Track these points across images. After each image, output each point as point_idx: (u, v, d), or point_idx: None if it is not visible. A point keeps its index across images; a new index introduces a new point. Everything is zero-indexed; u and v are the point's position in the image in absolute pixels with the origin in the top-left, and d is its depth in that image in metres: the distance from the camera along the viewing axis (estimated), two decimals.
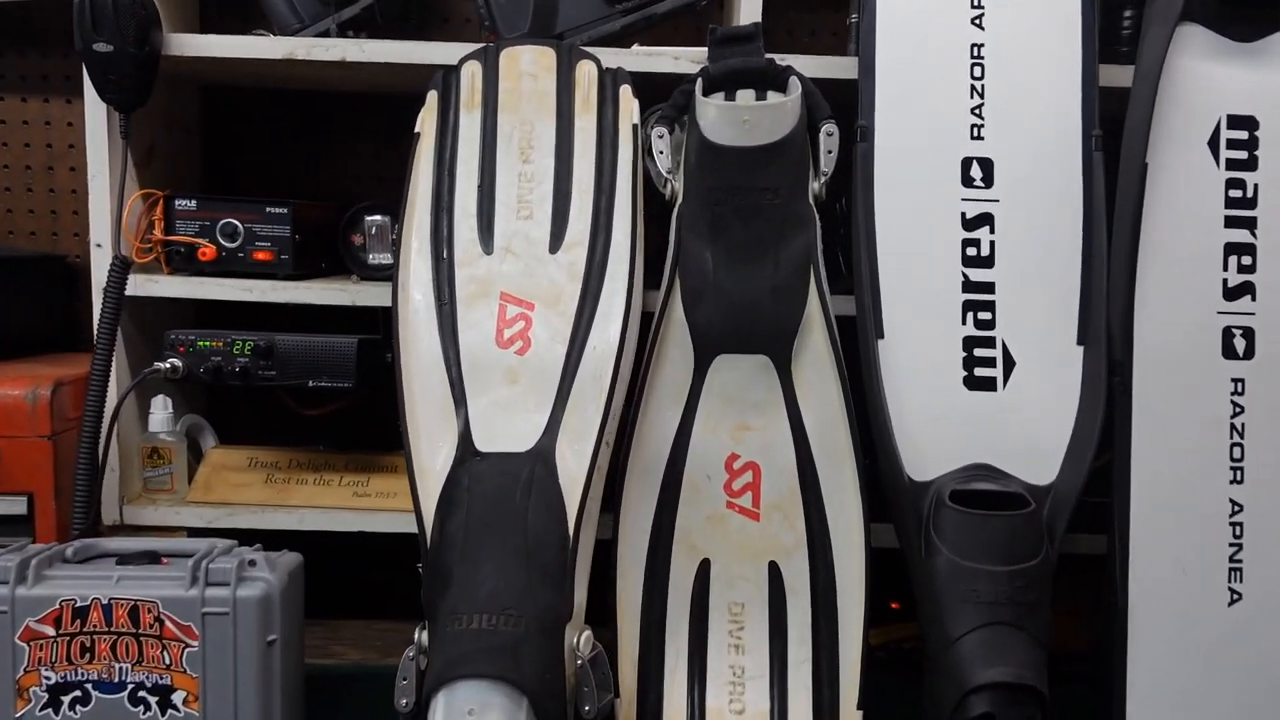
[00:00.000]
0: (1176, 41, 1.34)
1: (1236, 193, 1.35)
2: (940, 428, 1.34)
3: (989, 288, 1.36)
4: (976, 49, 1.39)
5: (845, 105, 1.41)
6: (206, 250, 1.57)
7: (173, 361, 1.51)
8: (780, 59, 1.45)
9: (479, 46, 1.49)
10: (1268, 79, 1.36)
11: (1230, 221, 1.35)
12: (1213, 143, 1.35)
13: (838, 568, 1.36)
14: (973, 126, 1.38)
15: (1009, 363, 1.35)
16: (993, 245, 1.37)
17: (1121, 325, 1.32)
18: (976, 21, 1.39)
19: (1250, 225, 1.35)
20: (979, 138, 1.38)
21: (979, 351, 1.35)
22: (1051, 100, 1.39)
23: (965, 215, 1.37)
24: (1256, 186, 1.35)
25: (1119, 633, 1.32)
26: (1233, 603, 1.32)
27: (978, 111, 1.38)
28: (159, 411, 1.61)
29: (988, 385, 1.35)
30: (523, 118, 1.44)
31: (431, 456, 1.29)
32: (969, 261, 1.36)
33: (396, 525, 1.57)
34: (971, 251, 1.37)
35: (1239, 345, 1.34)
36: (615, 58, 1.50)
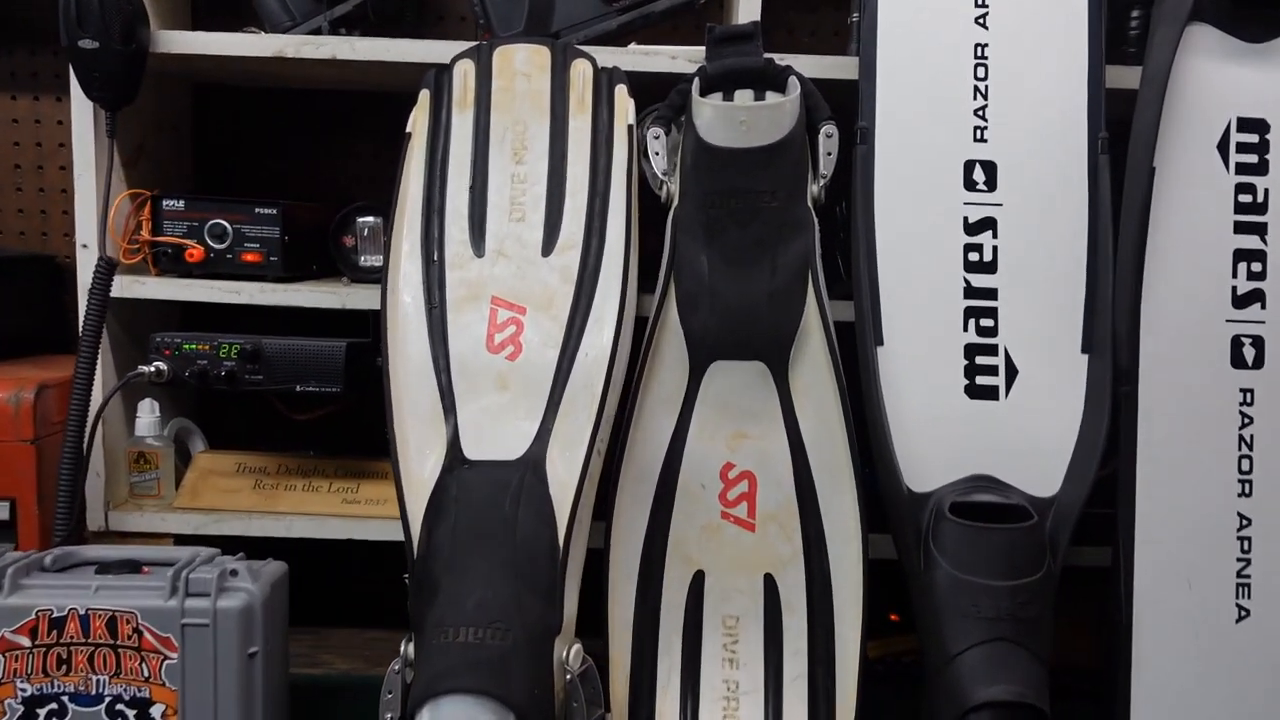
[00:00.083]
0: (1185, 42, 1.32)
1: (1246, 197, 1.33)
2: (940, 437, 1.32)
3: (991, 294, 1.34)
4: (980, 49, 1.36)
5: (845, 106, 1.39)
6: (194, 251, 1.55)
7: (158, 365, 1.49)
8: (779, 58, 1.43)
9: (472, 45, 1.47)
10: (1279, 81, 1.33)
11: (1240, 227, 1.32)
12: (1222, 146, 1.33)
13: (835, 580, 1.34)
14: (976, 128, 1.36)
15: (1011, 371, 1.33)
16: (995, 250, 1.34)
17: (1127, 333, 1.30)
18: (980, 21, 1.37)
19: (1260, 231, 1.32)
20: (982, 140, 1.35)
21: (981, 359, 1.33)
22: (1057, 102, 1.36)
23: (967, 219, 1.35)
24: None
25: (1123, 648, 1.29)
26: (1240, 619, 1.30)
27: (981, 113, 1.36)
28: (146, 415, 1.59)
29: (990, 394, 1.33)
30: (516, 118, 1.42)
31: (419, 464, 1.27)
32: (971, 267, 1.34)
33: (386, 533, 1.55)
34: (974, 256, 1.34)
35: (1248, 354, 1.32)
36: (611, 57, 1.47)
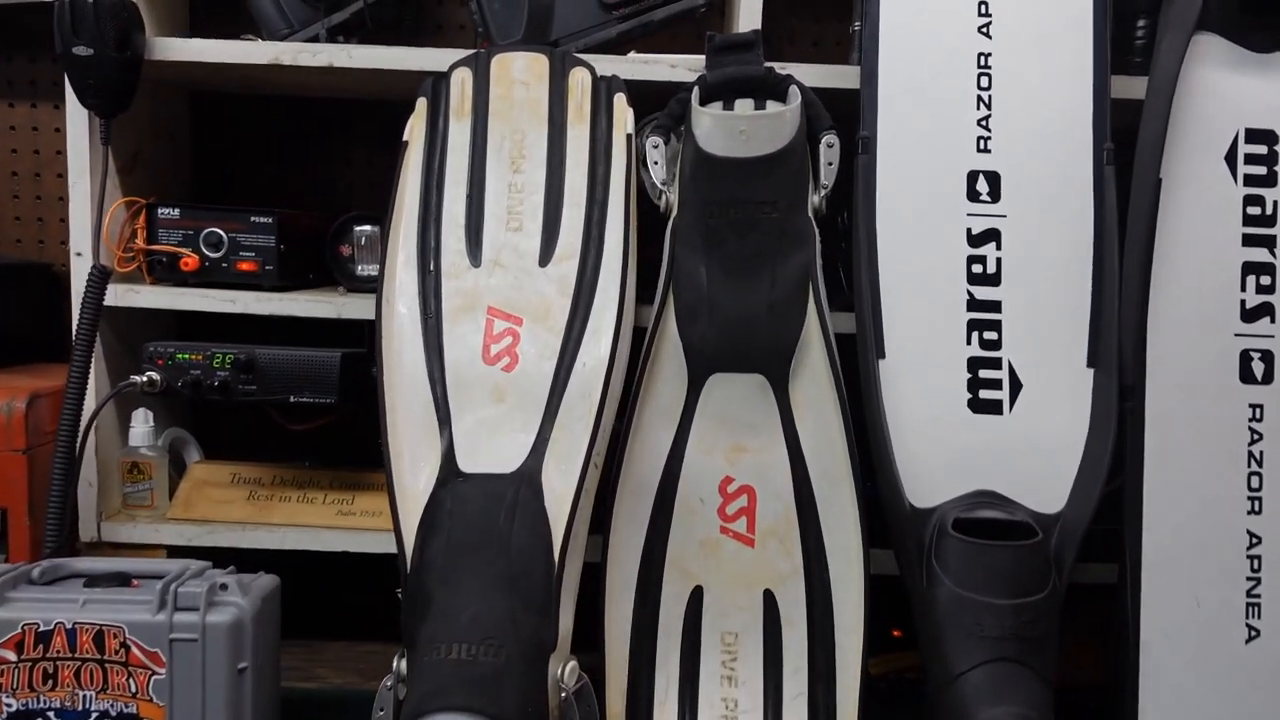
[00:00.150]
0: (1192, 51, 1.30)
1: (1255, 210, 1.31)
2: (943, 452, 1.29)
3: (995, 306, 1.32)
4: (984, 58, 1.35)
5: (847, 115, 1.37)
6: (189, 260, 1.53)
7: (150, 374, 1.48)
8: (780, 67, 1.42)
9: (470, 53, 1.46)
10: None
11: (1248, 240, 1.30)
12: (1230, 157, 1.31)
13: (835, 596, 1.32)
14: (979, 138, 1.34)
15: (1016, 385, 1.31)
16: (999, 262, 1.32)
17: (1134, 347, 1.28)
18: (984, 30, 1.35)
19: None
20: (985, 150, 1.34)
21: (984, 373, 1.31)
22: (1061, 112, 1.34)
23: (971, 231, 1.33)
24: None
25: (1130, 667, 1.27)
26: (1250, 639, 1.27)
27: (984, 123, 1.34)
28: (139, 425, 1.57)
29: (993, 408, 1.31)
30: (514, 126, 1.41)
31: (413, 477, 1.25)
32: (974, 279, 1.32)
33: (382, 545, 1.53)
34: (977, 269, 1.32)
35: (1257, 369, 1.29)
36: (610, 65, 1.46)
